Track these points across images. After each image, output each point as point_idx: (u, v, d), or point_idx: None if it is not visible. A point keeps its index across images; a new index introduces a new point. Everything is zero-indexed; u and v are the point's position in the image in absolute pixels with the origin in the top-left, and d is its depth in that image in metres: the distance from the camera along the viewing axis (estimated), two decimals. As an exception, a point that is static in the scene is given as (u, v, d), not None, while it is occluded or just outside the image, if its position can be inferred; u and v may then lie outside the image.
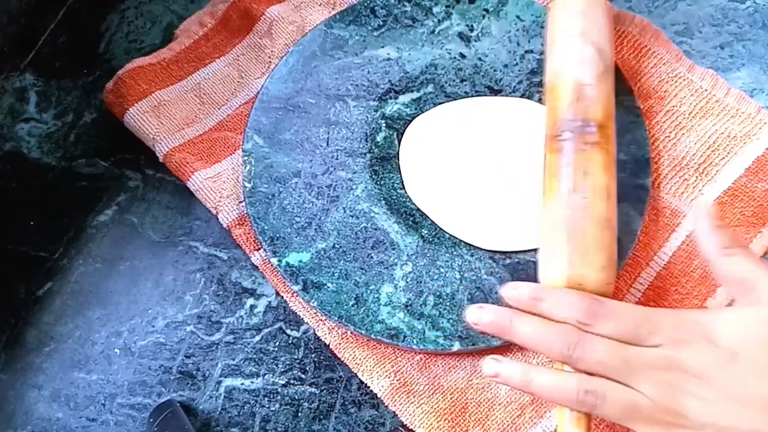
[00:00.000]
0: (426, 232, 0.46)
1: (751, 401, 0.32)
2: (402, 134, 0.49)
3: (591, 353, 0.34)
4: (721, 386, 0.32)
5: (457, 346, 0.42)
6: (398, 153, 0.49)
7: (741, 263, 0.35)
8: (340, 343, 0.45)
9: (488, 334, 0.39)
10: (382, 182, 0.48)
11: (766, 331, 0.33)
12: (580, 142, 0.41)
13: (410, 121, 0.50)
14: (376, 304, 0.44)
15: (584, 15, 0.45)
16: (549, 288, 0.37)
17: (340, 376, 0.45)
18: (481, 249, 0.45)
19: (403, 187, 0.48)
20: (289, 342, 0.46)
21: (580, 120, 0.41)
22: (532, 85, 0.50)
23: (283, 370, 0.46)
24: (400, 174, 0.48)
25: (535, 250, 0.45)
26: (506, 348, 0.43)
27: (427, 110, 0.50)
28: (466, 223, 0.46)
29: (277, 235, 0.47)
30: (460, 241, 0.46)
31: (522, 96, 0.50)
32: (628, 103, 0.48)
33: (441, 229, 0.46)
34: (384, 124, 0.50)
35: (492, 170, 0.47)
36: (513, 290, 0.37)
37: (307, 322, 0.46)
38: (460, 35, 0.52)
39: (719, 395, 0.32)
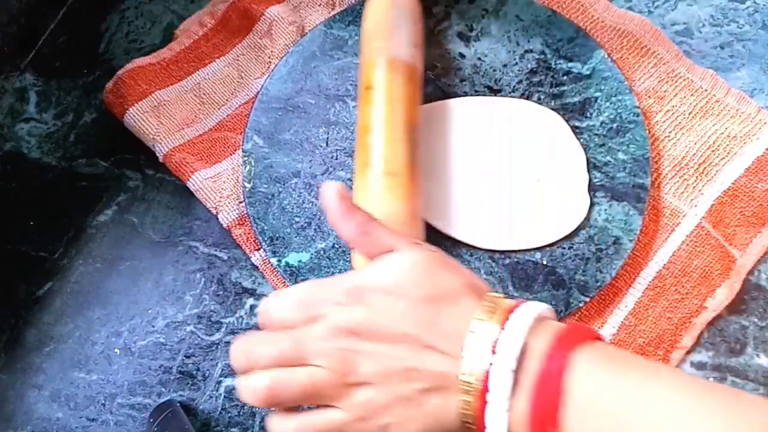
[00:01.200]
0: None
1: (402, 339, 0.32)
2: (402, 134, 0.49)
3: (259, 352, 0.33)
4: (376, 335, 0.32)
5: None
6: (398, 153, 0.49)
7: (381, 237, 0.35)
8: (339, 343, 0.45)
9: None
10: (381, 182, 0.48)
11: (404, 273, 0.33)
12: None
13: (410, 121, 0.50)
14: (375, 304, 0.44)
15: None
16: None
17: (340, 376, 0.45)
18: (480, 249, 0.45)
19: (403, 187, 0.48)
20: (289, 342, 0.46)
21: None
22: (532, 85, 0.50)
23: (282, 370, 0.46)
24: (400, 174, 0.48)
25: (534, 249, 0.45)
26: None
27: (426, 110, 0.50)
28: (465, 223, 0.46)
29: (277, 235, 0.47)
30: (459, 241, 0.46)
31: (521, 96, 0.50)
32: (629, 103, 0.48)
33: (440, 229, 0.46)
34: (384, 124, 0.50)
35: (491, 170, 0.47)
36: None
37: (306, 322, 0.46)
38: (460, 35, 0.52)
39: (378, 345, 0.32)
